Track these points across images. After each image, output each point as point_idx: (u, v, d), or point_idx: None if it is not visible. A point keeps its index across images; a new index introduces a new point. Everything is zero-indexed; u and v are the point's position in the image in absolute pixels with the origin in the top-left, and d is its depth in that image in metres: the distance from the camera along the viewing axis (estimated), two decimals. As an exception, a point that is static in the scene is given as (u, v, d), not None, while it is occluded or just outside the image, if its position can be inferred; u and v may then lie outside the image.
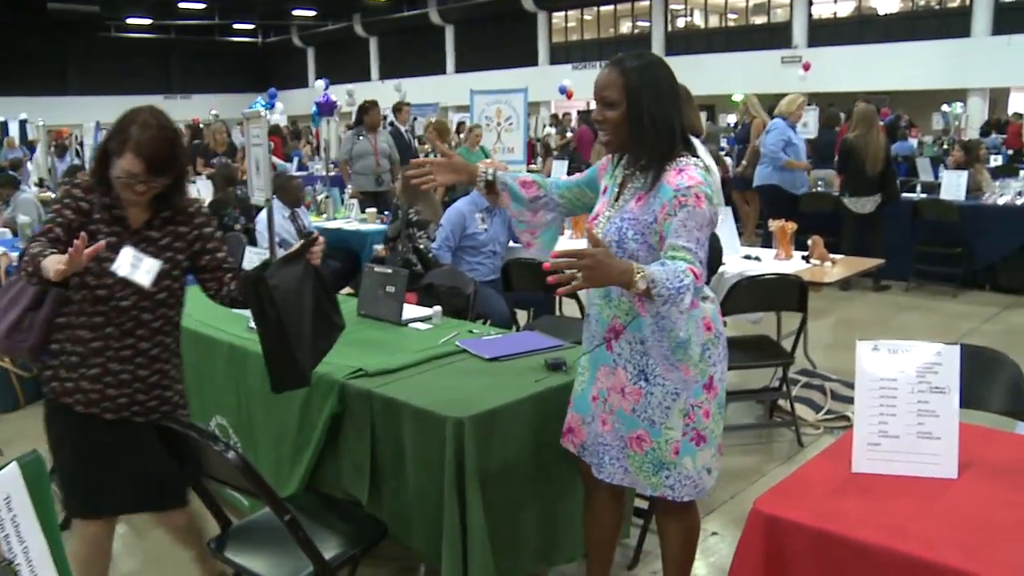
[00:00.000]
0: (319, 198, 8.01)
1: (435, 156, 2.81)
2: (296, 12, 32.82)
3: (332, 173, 8.81)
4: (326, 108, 11.08)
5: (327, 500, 2.96)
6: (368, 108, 8.64)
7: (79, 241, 2.10)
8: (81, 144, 17.23)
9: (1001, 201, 7.91)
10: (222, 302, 2.68)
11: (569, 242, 5.22)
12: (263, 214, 6.21)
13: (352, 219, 7.62)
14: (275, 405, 3.18)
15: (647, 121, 2.29)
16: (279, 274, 2.47)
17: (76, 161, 13.61)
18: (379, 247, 6.61)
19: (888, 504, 1.88)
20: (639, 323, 2.34)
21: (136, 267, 2.33)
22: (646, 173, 2.34)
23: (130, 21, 31.65)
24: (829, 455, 2.18)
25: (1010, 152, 13.74)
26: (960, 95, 20.72)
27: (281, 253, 6.48)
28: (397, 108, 10.76)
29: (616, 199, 2.43)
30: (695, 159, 2.33)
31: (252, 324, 3.14)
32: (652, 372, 2.36)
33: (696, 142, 4.10)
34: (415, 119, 19.16)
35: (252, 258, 3.81)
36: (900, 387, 2.05)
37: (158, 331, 2.55)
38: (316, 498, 3.01)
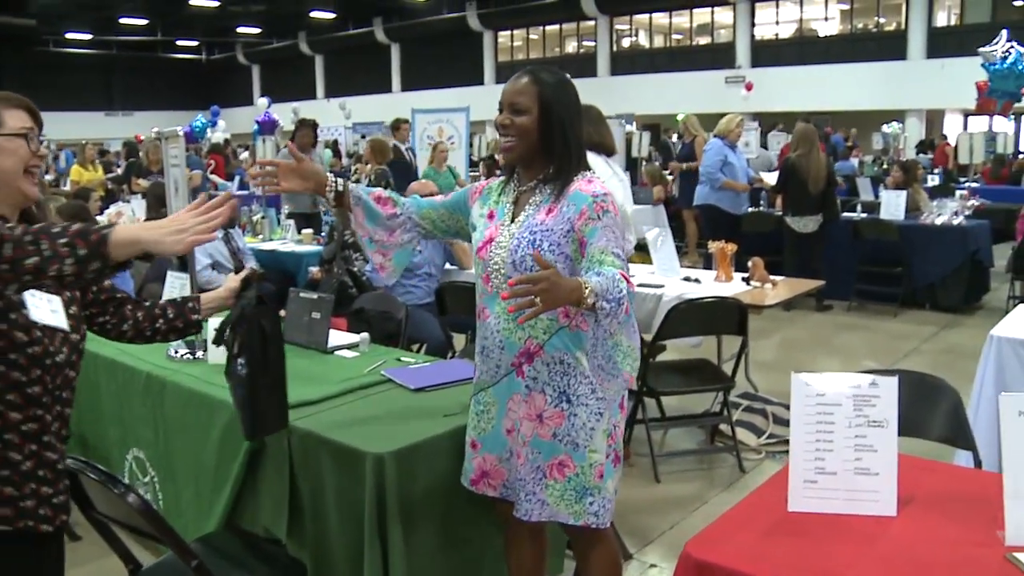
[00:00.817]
0: (255, 218, 7.82)
1: (370, 173, 2.69)
2: (241, 29, 32.47)
3: (269, 193, 8.61)
4: (267, 126, 10.89)
5: (247, 539, 2.81)
6: (300, 128, 8.45)
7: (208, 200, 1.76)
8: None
9: (939, 221, 8.00)
10: (137, 339, 2.29)
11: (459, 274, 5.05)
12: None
13: (288, 240, 7.44)
14: (193, 438, 3.04)
15: (559, 132, 2.28)
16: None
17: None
18: (314, 269, 6.46)
19: (825, 547, 1.79)
20: (558, 339, 2.27)
21: (47, 306, 1.87)
22: (551, 185, 2.31)
23: (70, 36, 31.02)
24: (765, 491, 2.09)
25: (939, 171, 13.98)
26: (898, 116, 21.16)
27: (211, 275, 6.32)
28: (395, 126, 10.20)
29: (513, 219, 2.36)
30: (596, 176, 2.35)
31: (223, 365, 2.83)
32: (575, 392, 2.28)
33: (603, 160, 4.07)
34: (362, 137, 19.02)
35: (173, 283, 3.63)
36: (837, 421, 1.96)
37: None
38: (235, 537, 2.85)
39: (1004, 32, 11.80)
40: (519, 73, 2.35)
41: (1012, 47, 11.88)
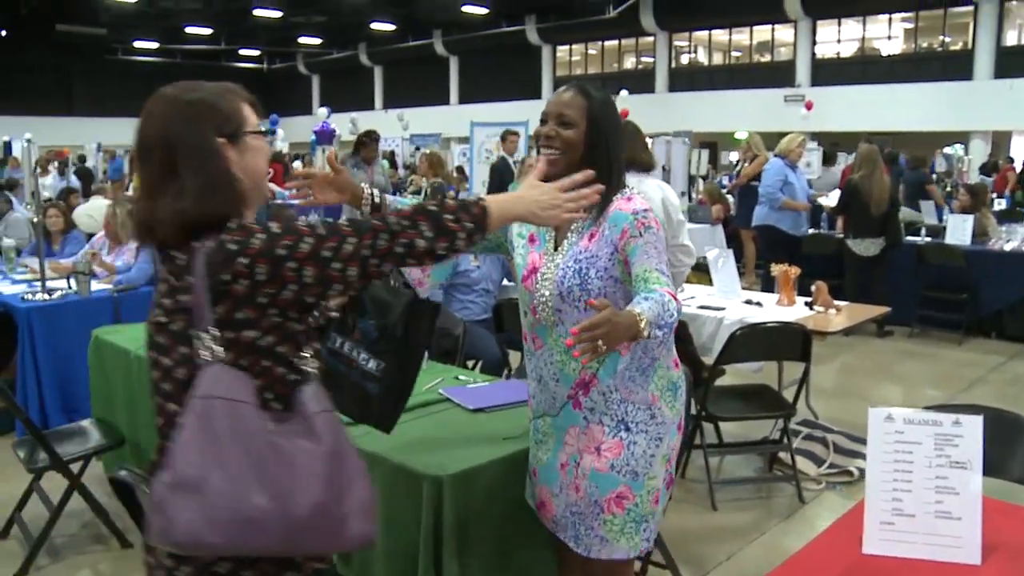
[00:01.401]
0: (312, 228, 7.87)
1: (426, 187, 2.64)
2: (302, 39, 32.92)
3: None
4: (324, 136, 10.97)
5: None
6: (365, 142, 8.46)
7: None
8: (74, 165, 17.19)
9: (1007, 247, 7.78)
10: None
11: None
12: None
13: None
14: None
15: (604, 150, 2.24)
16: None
17: (73, 182, 13.56)
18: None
19: (904, 595, 1.71)
20: (610, 366, 2.22)
21: None
22: (592, 207, 2.16)
23: (137, 44, 31.73)
24: (837, 531, 2.01)
25: (1007, 195, 13.61)
26: (962, 137, 20.70)
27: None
28: (504, 137, 9.76)
29: (556, 246, 2.30)
30: (636, 191, 2.31)
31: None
32: (633, 419, 2.23)
33: (643, 177, 4.00)
34: (417, 149, 19.12)
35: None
36: (916, 460, 1.87)
37: None
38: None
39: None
40: (565, 87, 2.32)
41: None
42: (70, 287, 5.26)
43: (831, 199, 9.28)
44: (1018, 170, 15.68)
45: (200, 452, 1.43)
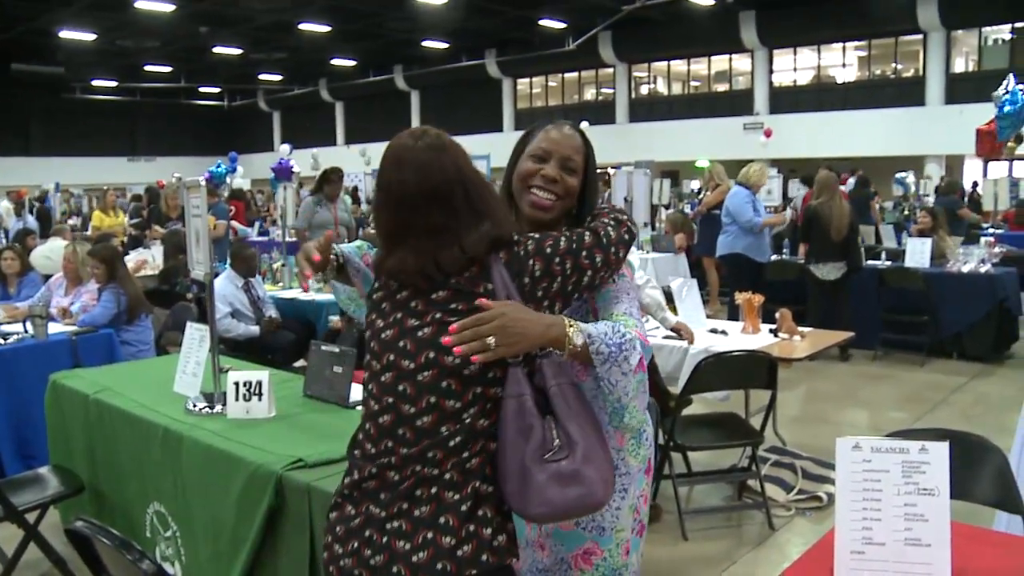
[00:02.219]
0: (275, 266, 7.80)
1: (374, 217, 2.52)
2: (262, 76, 32.89)
3: (290, 239, 8.60)
4: (283, 173, 10.91)
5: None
6: (332, 179, 8.36)
7: None
8: (33, 206, 16.96)
9: (965, 268, 7.89)
10: None
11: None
12: (217, 282, 6.00)
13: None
14: (212, 495, 2.96)
15: (593, 195, 2.13)
16: None
17: (31, 223, 13.36)
18: (335, 319, 6.43)
19: (877, 625, 1.69)
20: None
21: None
22: None
23: (96, 83, 31.51)
24: (808, 560, 1.99)
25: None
26: (917, 162, 21.08)
27: (230, 324, 6.29)
28: None
29: None
30: None
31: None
32: None
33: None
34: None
35: (193, 333, 3.58)
36: (884, 489, 1.86)
37: None
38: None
39: (1012, 76, 11.79)
40: (563, 124, 2.15)
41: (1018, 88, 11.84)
42: (26, 331, 5.16)
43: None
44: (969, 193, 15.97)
45: (579, 427, 1.75)
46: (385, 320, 1.84)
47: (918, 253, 8.08)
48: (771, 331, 5.12)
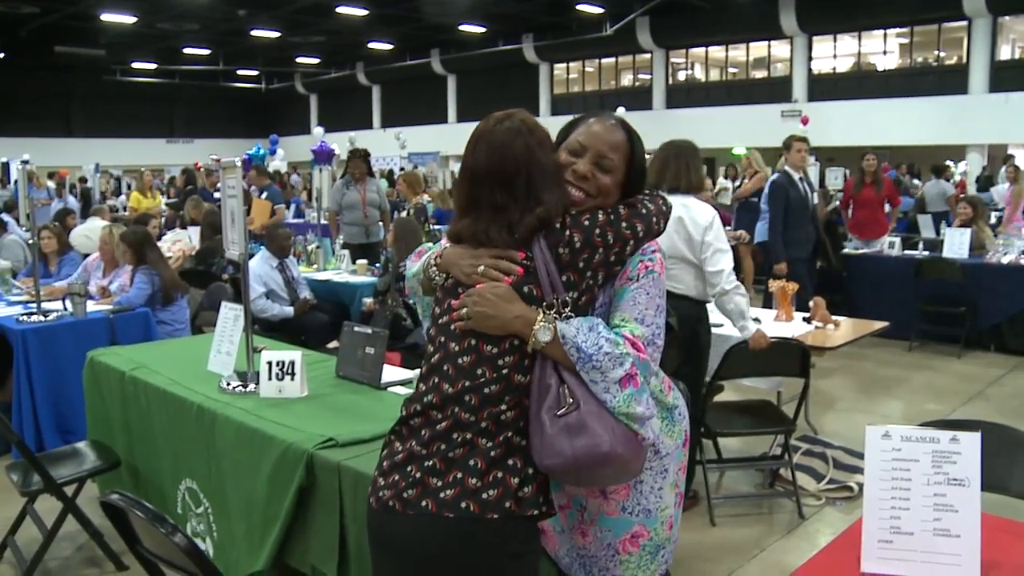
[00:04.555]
0: (309, 248, 7.86)
1: (410, 207, 2.56)
2: (300, 59, 33.02)
3: (324, 222, 8.64)
4: (322, 156, 10.96)
5: (294, 578, 2.77)
6: (351, 158, 8.40)
7: None
8: (74, 186, 17.22)
9: (1005, 260, 7.77)
10: None
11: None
12: (252, 263, 6.06)
13: (343, 271, 7.46)
14: (244, 472, 3.01)
15: (640, 202, 2.00)
16: None
17: (71, 203, 13.55)
18: (368, 300, 6.47)
19: (903, 614, 1.68)
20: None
21: None
22: None
23: (135, 65, 31.81)
24: (836, 549, 1.99)
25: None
26: (959, 151, 20.73)
27: (266, 304, 6.35)
28: (787, 144, 9.31)
29: None
30: None
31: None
32: None
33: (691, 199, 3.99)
34: (415, 167, 19.10)
35: (227, 312, 3.63)
36: (914, 478, 1.85)
37: None
38: (283, 576, 2.82)
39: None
40: (608, 117, 2.05)
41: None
42: (66, 308, 5.25)
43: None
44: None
45: (586, 392, 1.82)
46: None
47: (956, 244, 7.96)
48: (804, 319, 5.08)
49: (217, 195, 9.41)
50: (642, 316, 1.92)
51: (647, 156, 2.17)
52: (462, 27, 26.41)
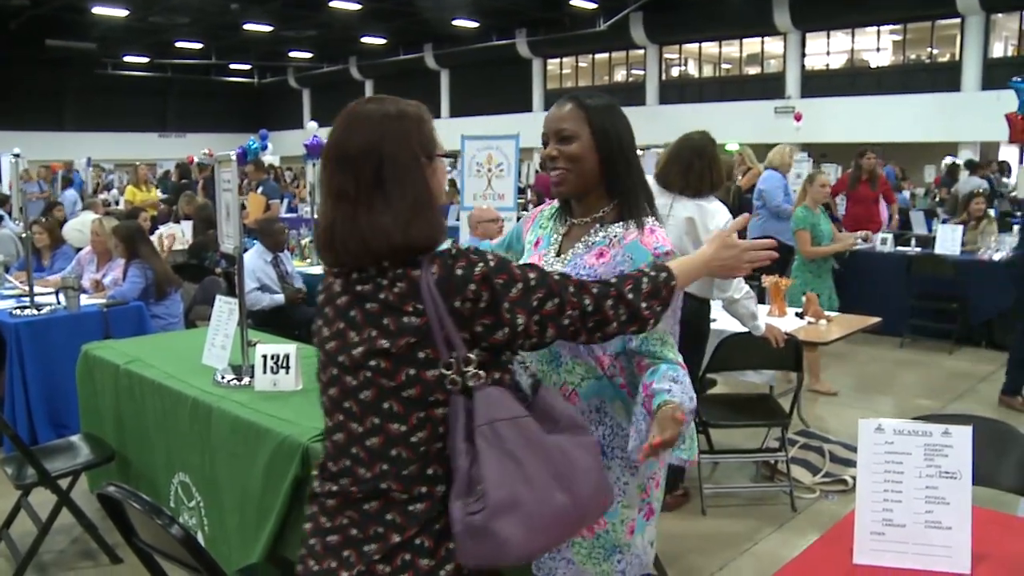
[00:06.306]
0: (303, 242, 7.86)
1: None
2: (293, 54, 32.95)
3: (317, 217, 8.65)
4: (315, 150, 10.92)
5: (290, 570, 2.76)
6: None
7: None
8: (71, 181, 17.16)
9: (996, 256, 7.80)
10: None
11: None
12: (246, 257, 6.06)
13: (336, 264, 7.45)
14: (239, 465, 3.01)
15: (622, 160, 2.08)
16: None
17: (68, 196, 13.50)
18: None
19: (895, 605, 1.70)
20: (595, 386, 2.09)
21: None
22: (610, 227, 2.10)
23: (127, 59, 31.71)
24: (828, 541, 2.00)
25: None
26: (951, 148, 20.78)
27: (259, 296, 6.35)
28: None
29: (559, 252, 2.17)
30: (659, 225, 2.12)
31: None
32: (609, 444, 2.10)
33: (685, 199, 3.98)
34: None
35: (222, 306, 3.63)
36: (906, 471, 1.87)
37: None
38: (278, 569, 2.82)
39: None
40: (559, 101, 2.15)
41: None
42: (59, 302, 5.24)
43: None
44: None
45: (504, 473, 1.53)
46: (330, 328, 1.69)
47: (948, 240, 8.00)
48: (797, 315, 5.10)
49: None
50: (674, 331, 2.08)
51: (652, 150, 2.21)
52: (455, 22, 26.36)
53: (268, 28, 26.65)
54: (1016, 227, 9.32)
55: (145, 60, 31.98)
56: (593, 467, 1.66)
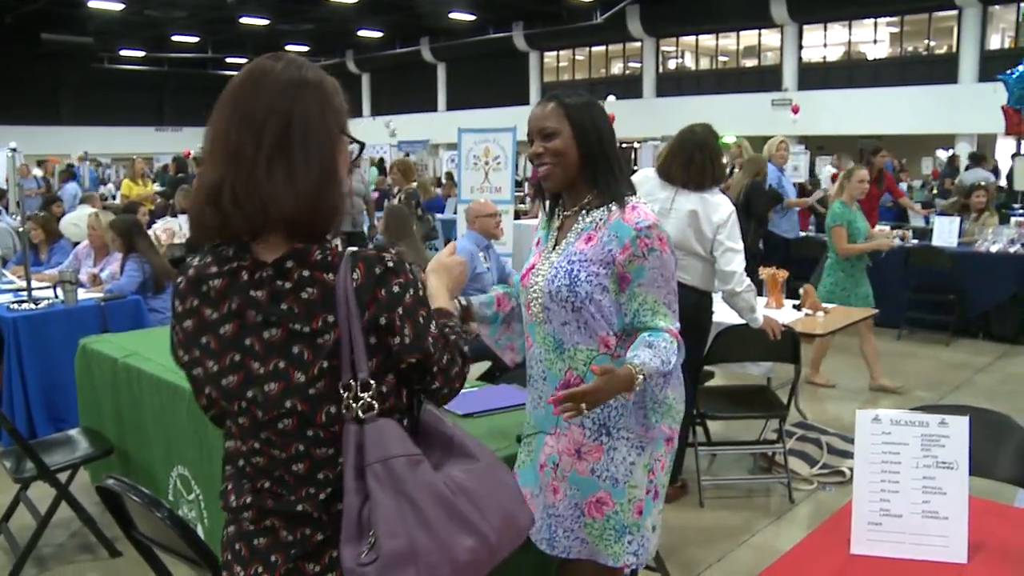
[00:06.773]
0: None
1: (399, 194, 2.62)
2: (289, 47, 32.86)
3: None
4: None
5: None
6: None
7: None
8: (72, 176, 17.13)
9: (993, 248, 7.81)
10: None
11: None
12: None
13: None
14: (237, 458, 3.01)
15: (600, 151, 2.20)
16: None
17: (68, 191, 13.47)
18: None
19: (892, 594, 1.71)
20: None
21: None
22: (593, 211, 2.21)
23: (123, 53, 31.62)
24: (825, 532, 2.01)
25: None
26: (948, 140, 20.80)
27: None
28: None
29: (555, 246, 2.28)
30: (637, 198, 2.24)
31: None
32: (615, 424, 2.17)
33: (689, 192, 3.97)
34: (407, 155, 19.07)
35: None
36: (903, 461, 1.88)
37: None
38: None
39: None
40: (540, 101, 2.28)
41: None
42: (56, 296, 5.24)
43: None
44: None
45: (400, 519, 1.35)
46: (219, 363, 1.48)
47: (946, 232, 8.01)
48: (794, 307, 5.11)
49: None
50: (667, 298, 2.14)
51: (650, 143, 2.25)
52: (452, 15, 26.33)
53: (264, 22, 26.60)
54: (1014, 220, 9.34)
55: (141, 54, 31.89)
56: (497, 490, 1.47)
